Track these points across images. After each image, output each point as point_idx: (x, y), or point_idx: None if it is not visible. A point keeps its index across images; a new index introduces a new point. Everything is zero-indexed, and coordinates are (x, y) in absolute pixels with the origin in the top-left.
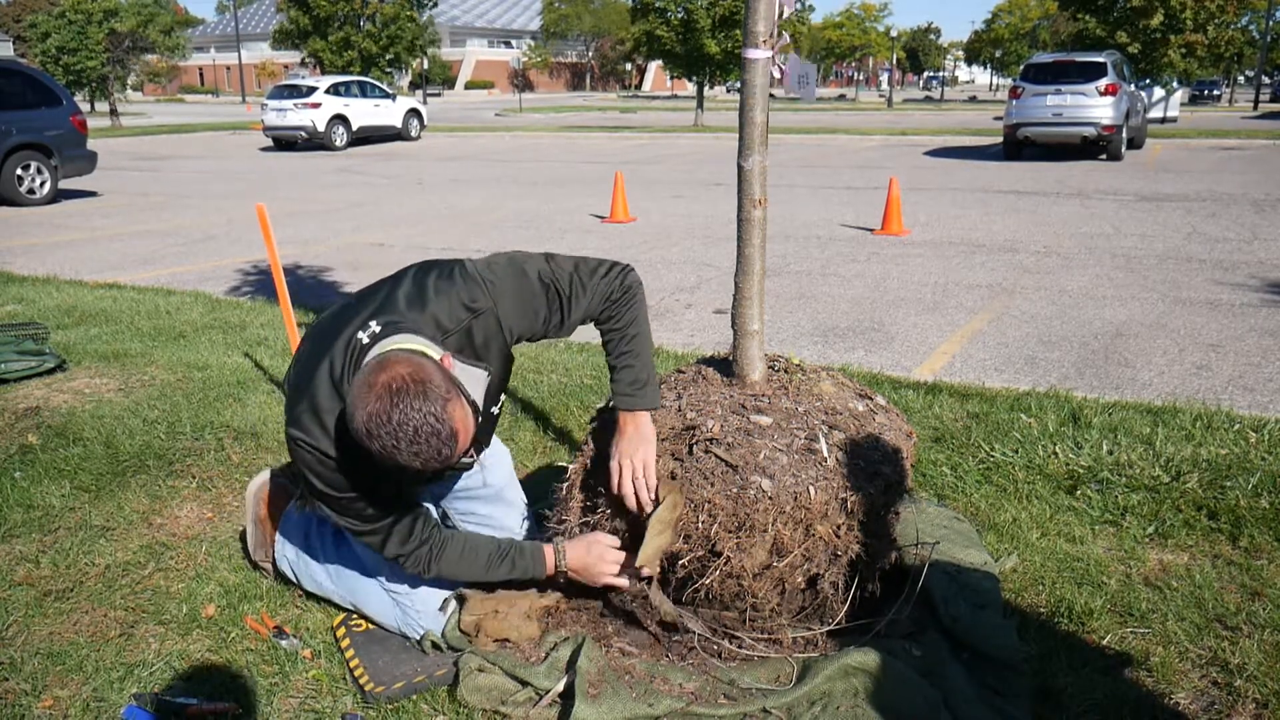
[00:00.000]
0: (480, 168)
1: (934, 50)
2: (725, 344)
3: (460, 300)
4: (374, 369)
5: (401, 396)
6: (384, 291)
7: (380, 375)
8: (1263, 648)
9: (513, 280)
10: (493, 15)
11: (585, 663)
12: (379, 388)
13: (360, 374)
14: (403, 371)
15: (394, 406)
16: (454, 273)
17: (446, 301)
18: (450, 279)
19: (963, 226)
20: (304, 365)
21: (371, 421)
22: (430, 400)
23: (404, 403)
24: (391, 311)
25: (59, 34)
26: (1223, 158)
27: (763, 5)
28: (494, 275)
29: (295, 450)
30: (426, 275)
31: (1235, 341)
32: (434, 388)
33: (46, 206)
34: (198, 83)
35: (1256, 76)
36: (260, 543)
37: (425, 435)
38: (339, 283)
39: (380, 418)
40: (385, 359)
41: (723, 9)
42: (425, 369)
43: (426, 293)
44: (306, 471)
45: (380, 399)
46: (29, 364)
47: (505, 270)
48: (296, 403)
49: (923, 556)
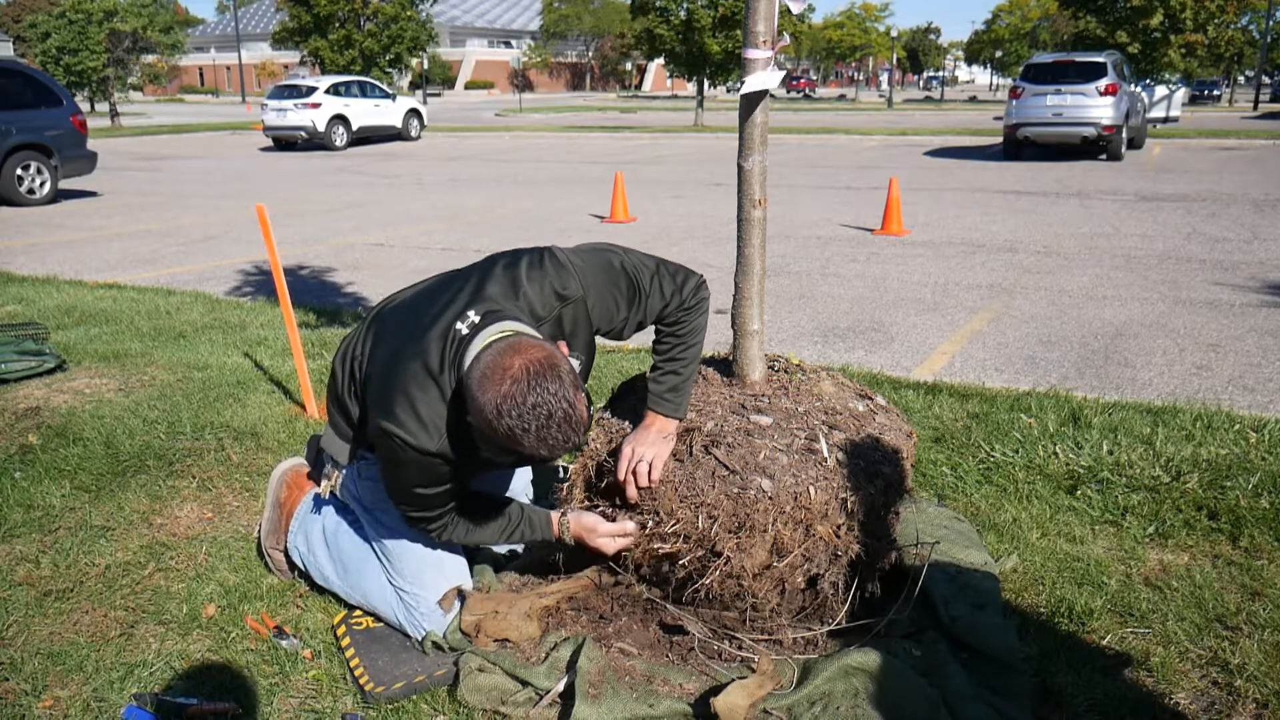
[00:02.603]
0: (480, 168)
1: (934, 50)
2: (725, 344)
3: (553, 287)
4: (506, 351)
5: (538, 380)
6: (473, 281)
7: (515, 358)
8: (1263, 648)
9: (602, 270)
10: (493, 15)
11: (585, 663)
12: (515, 370)
13: (488, 356)
14: (538, 355)
15: (530, 389)
16: (544, 260)
17: (539, 289)
18: (541, 267)
19: (963, 226)
20: (389, 360)
21: (505, 403)
22: (565, 385)
23: (541, 386)
24: (486, 301)
25: (59, 34)
26: (1223, 158)
27: (763, 5)
28: (584, 263)
29: (386, 443)
30: (517, 263)
31: (1235, 341)
32: (566, 374)
33: (46, 206)
34: (198, 83)
35: (1256, 76)
36: (274, 529)
37: (558, 420)
38: (339, 283)
39: (515, 399)
40: (518, 342)
41: (724, 8)
42: (557, 355)
43: (520, 281)
44: (397, 463)
45: (517, 381)
46: (29, 364)
47: (594, 260)
48: (389, 396)
49: (923, 556)
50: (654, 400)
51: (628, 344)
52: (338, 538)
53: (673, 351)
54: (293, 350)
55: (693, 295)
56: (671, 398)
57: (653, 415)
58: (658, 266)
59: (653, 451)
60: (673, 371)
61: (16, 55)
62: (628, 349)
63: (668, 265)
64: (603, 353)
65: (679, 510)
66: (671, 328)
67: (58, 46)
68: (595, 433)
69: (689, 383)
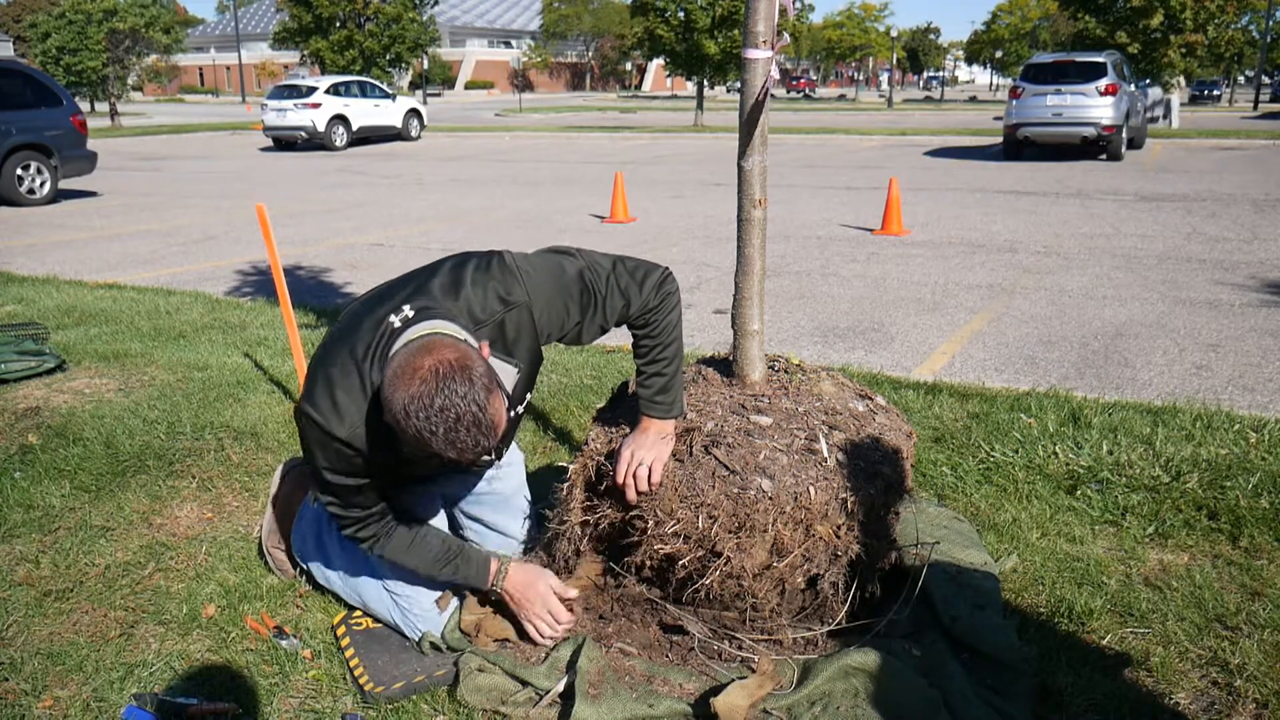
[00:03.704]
0: (480, 168)
1: (934, 50)
2: (725, 344)
3: (496, 292)
4: (418, 351)
5: (447, 382)
6: (419, 279)
7: (425, 359)
8: (1263, 648)
9: (551, 276)
10: (493, 15)
11: (585, 663)
12: (424, 370)
13: (401, 355)
14: (450, 356)
15: (438, 391)
16: (491, 264)
17: (482, 292)
18: (487, 270)
19: (963, 226)
20: (328, 344)
21: (413, 404)
22: (475, 388)
23: (448, 388)
24: (425, 297)
25: (59, 34)
26: (1223, 158)
27: (763, 5)
28: (532, 268)
29: (301, 424)
30: (464, 265)
31: (1235, 341)
32: (479, 376)
33: (46, 206)
34: (198, 83)
35: (1256, 76)
36: (275, 528)
37: (467, 423)
38: (339, 283)
39: (422, 401)
40: (431, 341)
41: (722, 8)
42: (471, 357)
43: (463, 282)
44: (309, 446)
45: (425, 382)
46: (29, 364)
47: (543, 265)
48: (313, 378)
49: (922, 556)
50: (645, 405)
51: (627, 343)
52: (336, 538)
53: (652, 353)
54: (293, 350)
55: (655, 293)
56: (663, 400)
57: (647, 419)
58: (614, 266)
59: (652, 455)
60: (656, 374)
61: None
62: (627, 348)
63: (626, 263)
64: (603, 352)
65: (679, 510)
66: (644, 329)
67: (58, 46)
68: (595, 433)
69: (678, 380)
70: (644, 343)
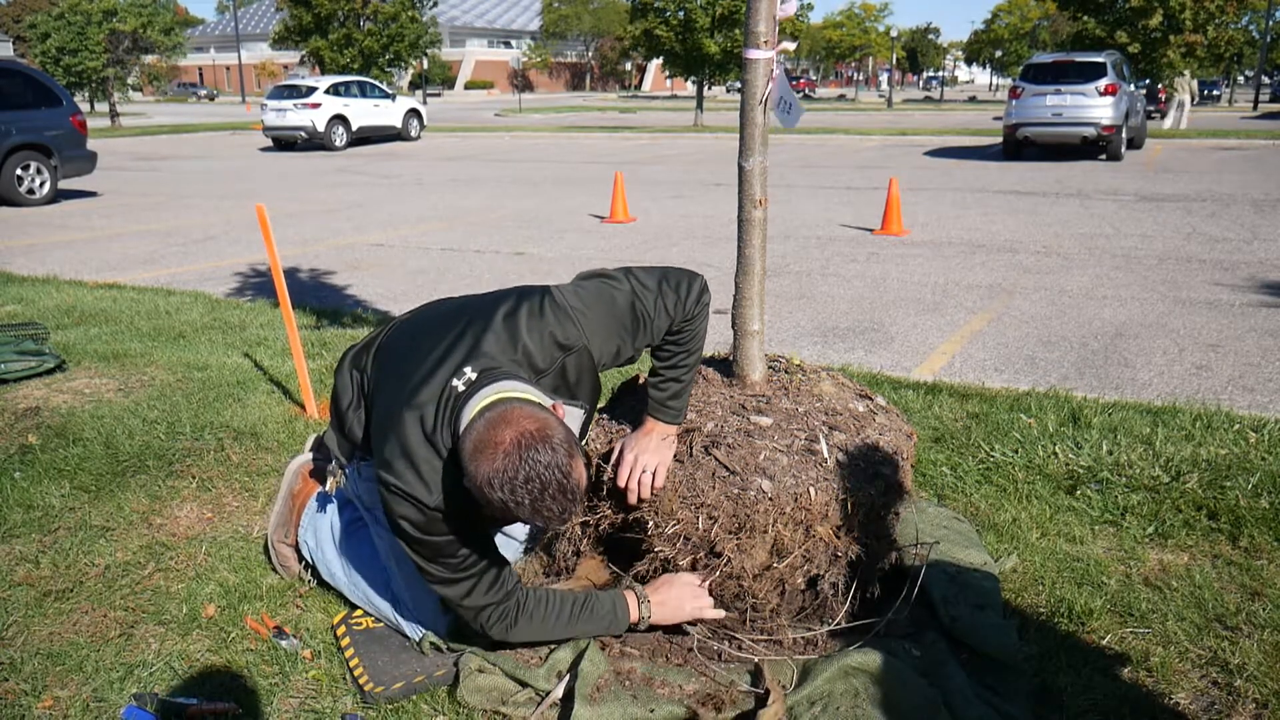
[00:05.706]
0: (480, 168)
1: (934, 50)
2: (725, 344)
3: (554, 338)
4: (498, 423)
5: (529, 453)
6: (473, 327)
7: (506, 431)
8: (1263, 648)
9: (604, 310)
10: (492, 15)
11: (587, 665)
12: (506, 444)
13: (479, 427)
14: (530, 428)
15: (523, 463)
16: (545, 307)
17: (539, 340)
18: (541, 315)
19: (962, 226)
20: (388, 413)
21: (497, 478)
22: (558, 455)
23: (532, 459)
24: (484, 357)
25: (59, 34)
26: (1223, 158)
27: (764, 5)
28: (584, 305)
29: (388, 496)
30: (516, 312)
31: (1235, 341)
32: (560, 443)
33: (46, 206)
34: (197, 83)
35: (1256, 76)
36: (284, 522)
37: (553, 492)
38: (339, 283)
39: (506, 474)
40: (509, 413)
41: (721, 8)
42: (550, 425)
43: (519, 333)
44: (399, 518)
45: (509, 455)
46: (29, 364)
47: (594, 300)
48: (388, 448)
49: (922, 556)
50: (655, 408)
51: None
52: (343, 535)
53: (675, 358)
54: (292, 350)
55: (695, 303)
56: (674, 404)
57: (653, 422)
58: (659, 285)
59: (655, 459)
60: (674, 379)
61: (16, 55)
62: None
63: (670, 279)
64: None
65: (679, 511)
66: (675, 336)
67: (57, 47)
68: (595, 433)
69: (689, 388)
70: (669, 348)
